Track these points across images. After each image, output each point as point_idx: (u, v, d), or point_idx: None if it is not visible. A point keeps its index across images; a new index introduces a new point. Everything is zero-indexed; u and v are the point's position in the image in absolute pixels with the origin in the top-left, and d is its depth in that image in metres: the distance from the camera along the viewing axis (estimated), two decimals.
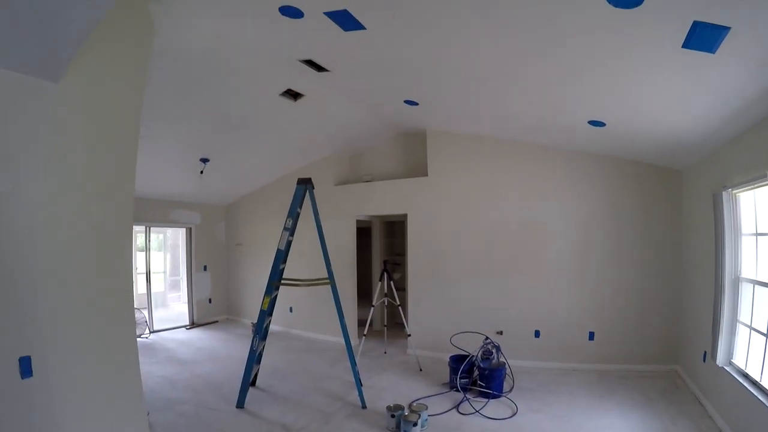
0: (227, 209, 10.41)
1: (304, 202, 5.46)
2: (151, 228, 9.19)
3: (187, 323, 9.53)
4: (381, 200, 7.78)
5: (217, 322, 9.88)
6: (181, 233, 10.32)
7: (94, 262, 3.24)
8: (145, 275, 9.01)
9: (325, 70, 5.09)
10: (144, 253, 9.25)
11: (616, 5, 2.69)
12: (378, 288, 6.88)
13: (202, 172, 7.66)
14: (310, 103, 6.19)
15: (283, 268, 5.56)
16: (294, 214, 5.31)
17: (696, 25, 2.65)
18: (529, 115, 5.34)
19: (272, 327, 8.87)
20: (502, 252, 6.57)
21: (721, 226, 4.31)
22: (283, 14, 3.71)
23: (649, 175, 5.88)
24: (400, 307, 6.94)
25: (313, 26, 3.87)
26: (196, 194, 9.26)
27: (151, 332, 8.71)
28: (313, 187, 5.51)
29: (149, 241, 9.17)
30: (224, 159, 7.72)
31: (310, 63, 4.94)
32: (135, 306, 9.07)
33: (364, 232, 9.34)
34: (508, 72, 4.29)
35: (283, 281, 5.43)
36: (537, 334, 6.33)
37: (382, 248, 9.24)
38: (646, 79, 3.61)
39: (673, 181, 5.77)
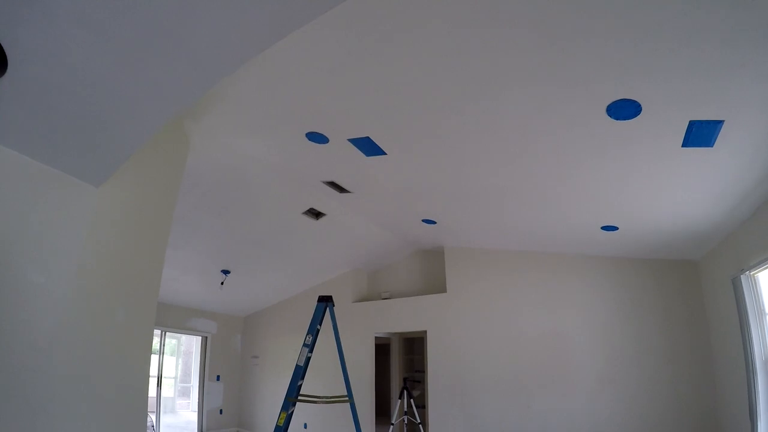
0: (245, 321, 10.36)
1: (324, 318, 5.43)
2: (167, 333, 9.12)
3: None
4: (399, 317, 7.69)
5: None
6: (195, 340, 10.19)
7: (113, 365, 3.25)
8: (156, 379, 8.79)
9: (347, 192, 5.33)
10: (157, 357, 9.10)
11: (617, 118, 2.84)
12: (398, 405, 6.59)
13: (222, 284, 7.75)
14: (331, 222, 6.40)
15: (301, 385, 5.39)
16: (314, 331, 5.26)
17: (692, 124, 2.78)
18: (544, 227, 5.44)
19: None
20: (525, 365, 6.31)
21: (744, 310, 4.18)
22: (310, 140, 3.99)
23: (667, 270, 5.74)
24: (420, 425, 6.56)
25: (337, 151, 4.14)
26: (214, 304, 9.29)
27: None
28: (334, 305, 5.52)
29: (163, 345, 9.07)
30: (245, 272, 7.84)
31: (333, 185, 5.19)
32: None
33: (382, 349, 9.13)
34: (523, 191, 4.45)
35: (300, 397, 5.25)
36: None
37: (401, 365, 8.95)
38: (652, 181, 3.71)
39: (691, 272, 5.60)
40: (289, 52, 2.75)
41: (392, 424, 6.60)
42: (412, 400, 6.76)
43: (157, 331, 8.91)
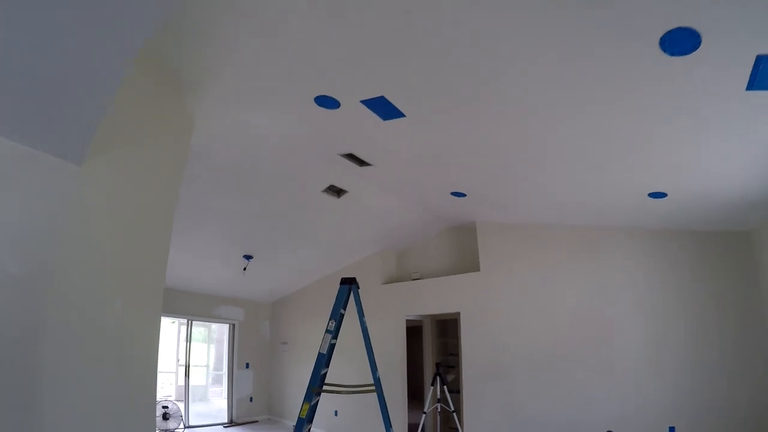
0: (273, 307, 10.15)
1: (349, 302, 5.07)
2: (194, 322, 8.99)
3: (226, 421, 8.99)
4: (431, 298, 7.28)
5: (257, 421, 9.26)
6: (225, 328, 10.07)
7: (113, 359, 3.01)
8: (184, 368, 8.69)
9: (368, 164, 4.91)
10: (185, 346, 9.00)
11: (672, 54, 2.30)
12: (430, 393, 6.22)
13: (245, 269, 7.50)
14: (354, 199, 6.01)
15: (325, 373, 5.07)
16: (337, 316, 4.90)
17: (760, 59, 2.22)
18: (585, 196, 4.89)
19: (316, 431, 8.25)
20: (565, 348, 5.82)
21: None
22: (319, 105, 3.57)
23: (717, 243, 5.15)
24: (454, 413, 6.19)
25: (351, 117, 3.71)
26: (240, 290, 9.10)
27: (186, 427, 8.21)
28: (358, 287, 5.13)
29: (190, 334, 8.95)
30: (268, 256, 7.57)
31: (352, 157, 4.78)
32: (171, 398, 8.74)
33: (414, 332, 8.75)
34: (561, 155, 3.94)
35: (325, 387, 4.93)
36: None
37: (434, 349, 8.57)
38: (708, 135, 3.15)
39: (743, 244, 5.01)
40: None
41: (424, 413, 6.24)
42: (445, 387, 6.37)
43: (183, 320, 8.81)
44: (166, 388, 10.76)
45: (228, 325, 9.47)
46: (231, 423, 8.92)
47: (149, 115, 3.51)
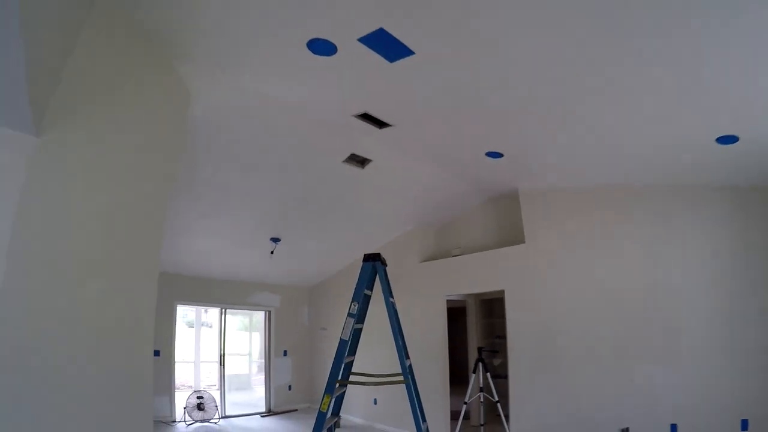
0: (310, 292, 9.78)
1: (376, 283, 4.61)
2: (231, 309, 8.78)
3: (263, 410, 8.75)
4: (473, 275, 6.65)
5: (296, 410, 8.93)
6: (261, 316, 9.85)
7: (90, 352, 2.71)
8: (219, 357, 8.50)
9: (387, 125, 4.33)
10: (219, 335, 8.81)
11: None
12: (472, 380, 5.65)
13: (272, 253, 7.11)
14: (380, 169, 5.44)
15: (351, 362, 4.62)
16: (360, 297, 4.42)
17: None
18: (642, 146, 4.14)
19: (354, 420, 8.00)
20: (624, 327, 5.04)
21: None
22: (314, 52, 3.03)
23: None
24: (498, 404, 5.63)
25: (352, 63, 3.15)
26: (275, 277, 8.77)
27: (221, 417, 7.96)
28: (384, 264, 4.60)
29: (224, 323, 8.73)
30: (296, 238, 7.15)
31: (368, 118, 4.21)
32: (204, 388, 8.57)
33: (457, 313, 8.14)
34: (612, 97, 3.25)
35: (352, 376, 4.52)
36: (673, 429, 4.62)
37: (480, 331, 7.95)
38: None
39: None
40: None
41: (465, 403, 5.68)
42: (488, 375, 5.78)
43: (216, 309, 8.61)
44: (211, 377, 10.66)
45: (264, 312, 9.18)
46: (269, 412, 8.65)
47: (129, 82, 3.17)
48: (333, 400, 4.16)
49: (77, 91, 2.74)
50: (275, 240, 7.00)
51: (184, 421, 7.21)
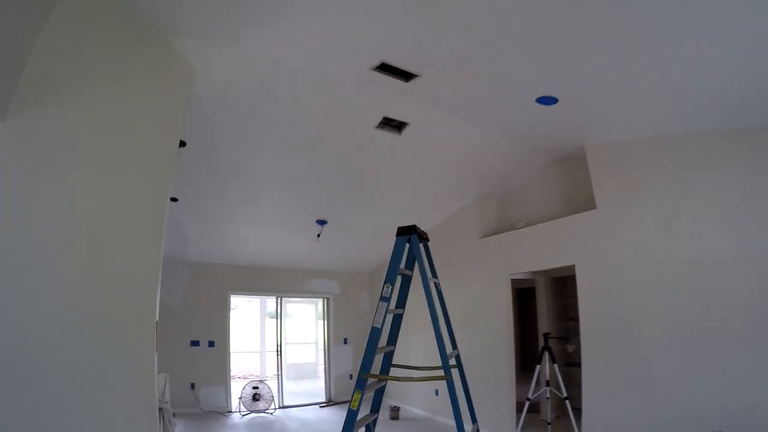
0: (370, 276, 9.34)
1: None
2: (283, 298, 8.62)
3: (323, 400, 8.48)
4: (538, 250, 5.85)
5: None
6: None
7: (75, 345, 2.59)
8: (276, 347, 8.35)
9: (414, 76, 3.71)
10: (277, 323, 8.64)
11: None
12: (536, 372, 4.94)
13: (318, 236, 6.73)
14: (419, 133, 4.83)
15: (391, 353, 4.07)
16: (394, 278, 3.76)
17: None
18: (732, 76, 3.20)
19: (414, 411, 7.54)
20: (716, 306, 4.02)
21: None
22: None
23: None
24: (567, 401, 4.92)
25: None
26: (329, 262, 8.44)
27: (277, 408, 7.74)
28: (422, 238, 3.92)
29: (281, 312, 8.57)
30: (342, 218, 6.70)
31: (389, 69, 3.61)
32: (260, 379, 8.43)
33: (526, 294, 7.38)
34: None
35: (392, 369, 3.98)
36: None
37: (551, 313, 7.13)
38: None
39: None
40: None
41: (528, 400, 4.99)
42: (555, 366, 5.05)
43: (272, 298, 8.46)
44: (272, 367, 10.63)
45: (321, 299, 8.88)
46: (329, 402, 8.37)
47: (114, 61, 3.03)
48: (363, 396, 3.59)
49: (50, 73, 2.62)
50: (321, 222, 6.61)
51: (239, 412, 7.05)
